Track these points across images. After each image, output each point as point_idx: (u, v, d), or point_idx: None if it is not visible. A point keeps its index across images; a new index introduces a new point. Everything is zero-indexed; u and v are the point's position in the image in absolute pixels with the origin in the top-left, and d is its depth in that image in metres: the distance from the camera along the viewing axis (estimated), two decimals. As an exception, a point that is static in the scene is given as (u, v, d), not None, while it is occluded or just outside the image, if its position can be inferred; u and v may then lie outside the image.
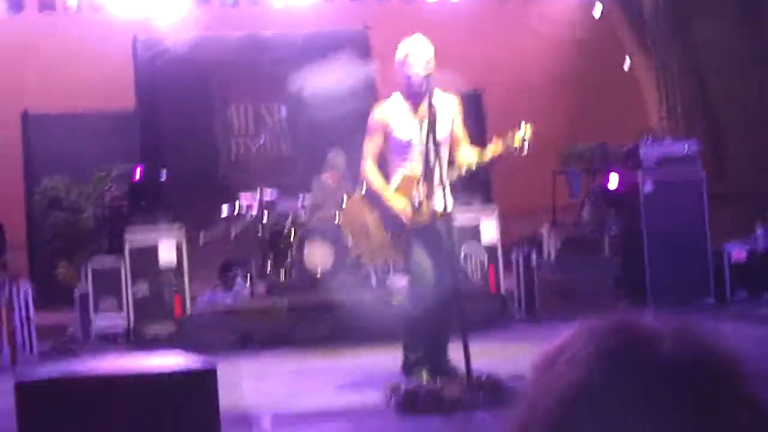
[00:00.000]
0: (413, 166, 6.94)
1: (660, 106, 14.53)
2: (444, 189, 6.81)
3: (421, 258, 6.93)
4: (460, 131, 7.14)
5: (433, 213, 6.89)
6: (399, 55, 7.03)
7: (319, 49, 14.77)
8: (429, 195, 6.85)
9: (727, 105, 14.31)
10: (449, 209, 6.86)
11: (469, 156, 6.98)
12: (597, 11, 15.73)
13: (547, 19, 15.31)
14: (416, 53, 6.93)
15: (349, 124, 12.33)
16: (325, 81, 14.99)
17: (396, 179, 7.01)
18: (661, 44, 14.60)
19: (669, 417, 1.14)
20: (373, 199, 7.08)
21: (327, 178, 12.89)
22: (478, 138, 7.50)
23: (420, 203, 6.86)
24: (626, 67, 15.89)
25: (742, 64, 14.01)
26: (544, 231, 11.84)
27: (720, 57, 14.28)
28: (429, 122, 6.81)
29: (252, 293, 11.50)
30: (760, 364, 2.11)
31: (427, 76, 6.87)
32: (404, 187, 6.93)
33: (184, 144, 14.66)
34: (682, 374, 1.16)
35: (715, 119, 14.46)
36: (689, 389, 1.16)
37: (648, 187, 11.52)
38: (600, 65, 15.70)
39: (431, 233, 6.91)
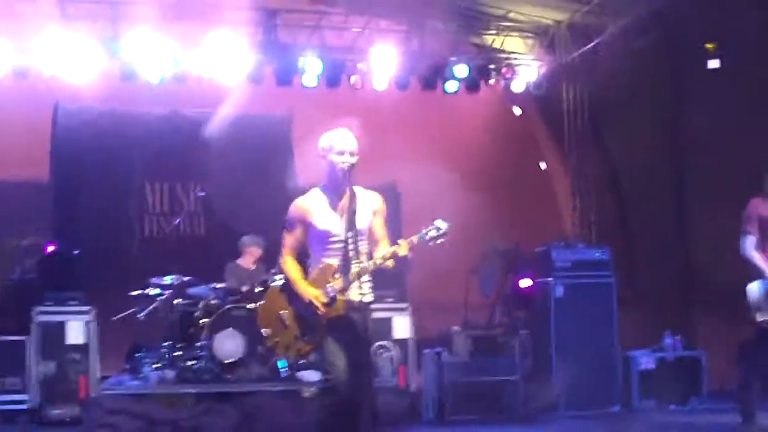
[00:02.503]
0: (332, 257, 6.92)
1: (573, 212, 14.76)
2: (361, 282, 6.80)
3: (334, 353, 6.88)
4: (381, 230, 7.13)
5: (349, 304, 6.86)
6: (323, 146, 7.03)
7: (242, 131, 14.80)
8: (345, 286, 6.83)
9: (640, 213, 14.60)
10: (366, 300, 6.84)
11: (383, 251, 6.99)
12: (517, 110, 16.01)
13: (467, 115, 15.49)
14: (340, 145, 6.94)
15: (269, 211, 12.30)
16: (245, 164, 15.03)
17: (314, 269, 6.99)
18: (577, 149, 14.89)
19: None
20: (291, 290, 7.02)
21: (242, 262, 12.82)
22: (395, 233, 7.48)
23: (335, 294, 6.83)
24: (542, 168, 16.16)
25: (655, 171, 14.31)
26: (456, 330, 11.86)
27: (634, 165, 14.59)
28: (349, 214, 6.82)
29: (160, 379, 11.28)
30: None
31: (349, 169, 6.88)
32: (322, 278, 6.90)
33: (98, 218, 14.42)
34: None
35: (627, 227, 14.74)
36: None
37: (558, 291, 11.65)
38: (517, 166, 15.90)
39: (345, 325, 6.87)
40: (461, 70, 14.33)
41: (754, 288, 8.65)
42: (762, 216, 8.72)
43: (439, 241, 6.75)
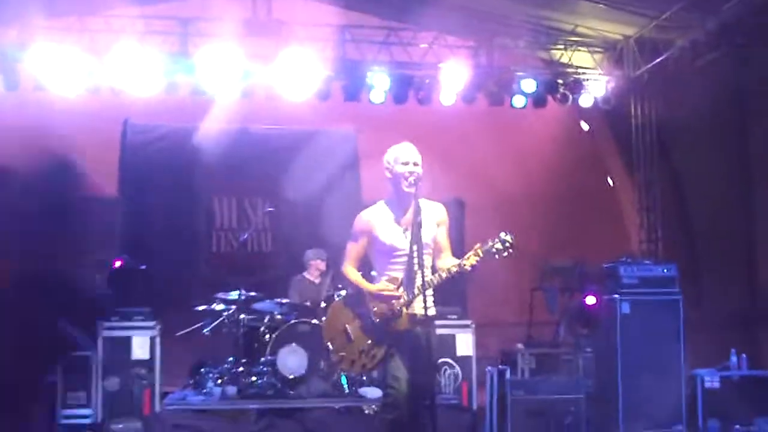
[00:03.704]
0: (397, 270, 6.95)
1: (641, 229, 14.63)
2: (425, 295, 6.81)
3: (398, 367, 6.90)
4: (444, 241, 7.16)
5: (412, 318, 6.88)
6: (387, 159, 7.08)
7: (309, 147, 14.90)
8: (410, 300, 6.84)
9: (707, 230, 14.42)
10: (430, 313, 6.83)
11: (449, 263, 6.99)
12: (584, 126, 15.92)
13: (534, 131, 15.45)
14: (404, 156, 6.99)
15: (334, 225, 12.36)
16: (312, 180, 15.13)
17: (378, 284, 7.01)
18: (644, 165, 14.77)
19: None
20: (356, 302, 7.06)
21: (307, 276, 12.90)
22: (458, 245, 7.49)
23: (401, 308, 6.85)
24: (610, 184, 16.05)
25: (723, 189, 14.15)
26: (520, 348, 11.81)
27: (702, 182, 14.43)
28: (413, 228, 6.84)
29: (222, 394, 11.37)
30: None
31: (414, 183, 6.91)
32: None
33: (165, 234, 14.63)
34: None
35: (693, 245, 14.57)
36: None
37: (625, 308, 11.53)
38: (583, 182, 15.81)
39: (409, 339, 6.89)
40: (529, 85, 14.28)
41: None
42: None
43: (505, 254, 6.75)
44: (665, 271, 11.81)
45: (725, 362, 11.79)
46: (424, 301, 6.78)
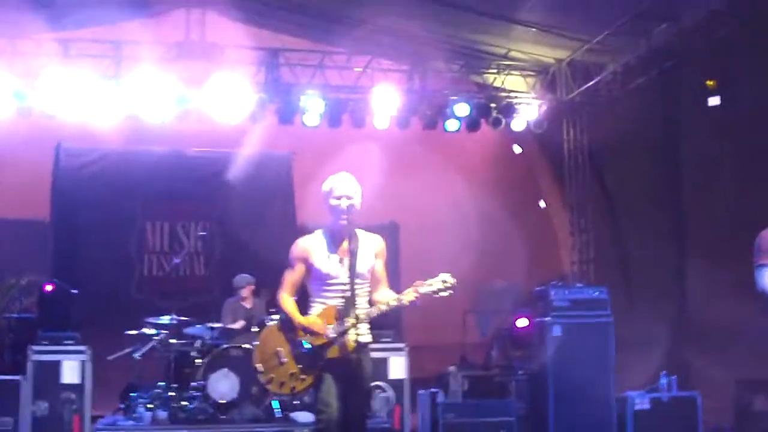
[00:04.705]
0: (332, 299, 6.95)
1: (573, 251, 14.75)
2: (360, 324, 6.82)
3: (330, 393, 6.88)
4: (381, 272, 7.15)
5: (346, 345, 6.87)
6: (324, 188, 7.08)
7: (243, 170, 14.88)
8: (345, 330, 6.84)
9: (639, 253, 14.57)
10: (363, 340, 6.84)
11: (386, 297, 7.00)
12: (517, 149, 16.03)
13: (468, 154, 15.55)
14: (342, 190, 6.98)
15: (268, 249, 12.33)
16: (246, 203, 15.11)
17: (314, 310, 7.00)
18: (577, 187, 14.91)
19: None
20: (289, 327, 7.03)
21: (240, 301, 12.84)
22: (393, 268, 7.50)
23: (335, 336, 6.84)
24: (542, 206, 16.18)
25: (655, 211, 14.30)
26: (452, 370, 11.83)
27: (634, 204, 14.59)
28: (350, 257, 6.85)
29: (153, 419, 11.27)
30: None
31: (347, 215, 6.92)
32: (322, 320, 6.92)
33: (97, 258, 14.57)
34: None
35: (626, 267, 14.71)
36: None
37: (556, 331, 11.59)
38: (517, 204, 15.94)
39: (342, 365, 6.87)
40: (462, 109, 14.37)
41: None
42: None
43: (444, 294, 6.77)
44: (596, 293, 11.88)
45: (655, 383, 11.90)
46: (357, 329, 6.79)
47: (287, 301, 7.01)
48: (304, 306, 6.96)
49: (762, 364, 9.89)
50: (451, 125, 14.54)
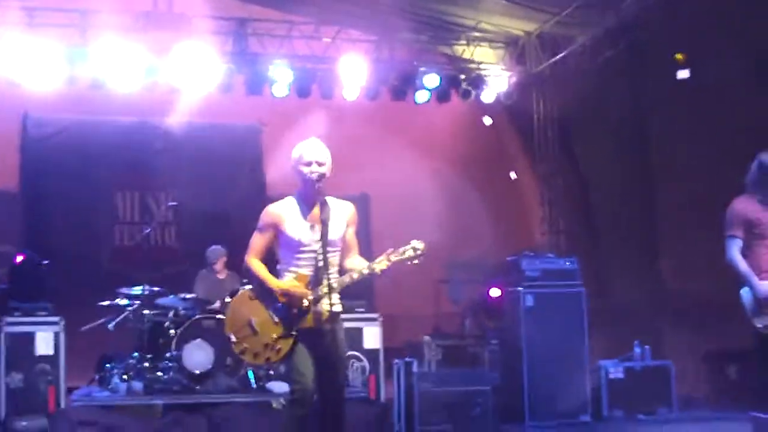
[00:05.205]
0: (303, 267, 6.90)
1: (543, 222, 14.82)
2: (332, 293, 6.78)
3: (304, 362, 6.85)
4: (352, 240, 7.12)
5: (319, 315, 6.84)
6: (294, 155, 7.01)
7: (212, 141, 14.79)
8: (317, 298, 6.80)
9: (609, 223, 14.66)
10: (336, 310, 6.81)
11: (358, 265, 6.96)
12: (487, 121, 16.05)
13: (437, 126, 15.54)
14: (312, 155, 6.91)
15: (238, 219, 12.26)
16: (216, 174, 15.03)
17: (285, 278, 6.94)
18: (546, 159, 14.96)
19: None
20: (261, 295, 6.97)
21: (211, 272, 12.78)
22: (365, 240, 7.48)
23: (307, 305, 6.80)
24: (512, 178, 16.23)
25: (624, 181, 14.39)
26: (426, 340, 11.87)
27: (603, 175, 14.67)
28: (321, 224, 6.80)
29: (128, 390, 11.21)
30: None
31: (317, 181, 6.87)
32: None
33: (67, 228, 14.46)
34: None
35: (596, 237, 14.80)
36: None
37: (528, 301, 11.65)
38: (487, 176, 15.97)
39: (316, 335, 6.85)
40: (431, 80, 14.37)
41: (745, 295, 8.00)
42: (748, 217, 7.78)
43: (415, 261, 6.75)
44: (567, 264, 11.97)
45: (629, 353, 12.01)
46: (330, 298, 6.76)
47: (257, 265, 6.92)
48: (273, 274, 6.91)
49: (733, 333, 10.02)
50: (421, 96, 14.53)
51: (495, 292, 12.62)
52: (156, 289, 11.97)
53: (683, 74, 12.67)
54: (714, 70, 12.48)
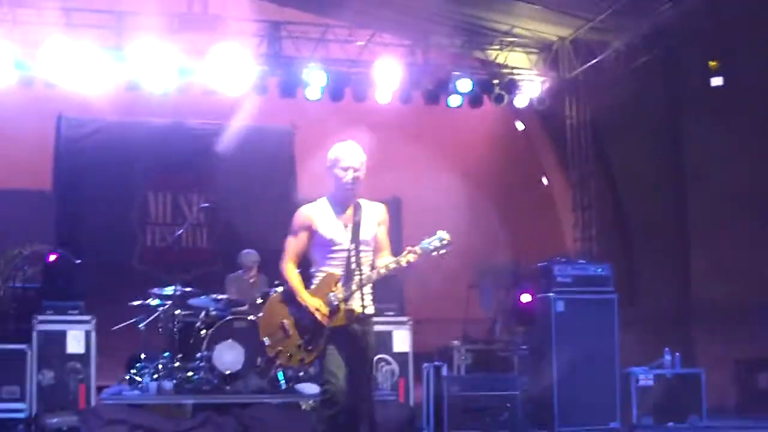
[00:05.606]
0: (335, 267, 6.93)
1: (575, 228, 14.76)
2: (363, 293, 6.80)
3: (336, 362, 6.87)
4: (384, 240, 7.14)
5: (350, 314, 6.86)
6: (330, 157, 7.04)
7: (245, 143, 14.83)
8: (348, 296, 6.82)
9: (642, 230, 14.59)
10: (368, 312, 6.83)
11: (386, 261, 6.99)
12: (520, 126, 16.03)
13: (470, 130, 15.53)
14: (348, 158, 6.94)
15: (269, 222, 12.29)
16: (248, 176, 15.07)
17: (317, 279, 6.98)
18: (579, 165, 14.91)
19: None
20: (292, 299, 7.01)
21: (243, 275, 12.81)
22: (396, 244, 7.50)
23: (338, 304, 6.83)
24: (544, 183, 16.18)
25: (657, 187, 14.33)
26: (456, 344, 11.86)
27: (637, 181, 14.61)
28: (354, 225, 6.83)
29: (158, 389, 11.26)
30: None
31: (353, 185, 6.90)
32: (324, 287, 6.90)
33: (100, 228, 14.52)
34: None
35: (628, 244, 14.73)
36: None
37: (559, 307, 11.62)
38: (519, 181, 15.94)
39: (347, 335, 6.87)
40: (464, 85, 14.35)
41: None
42: None
43: (442, 252, 6.73)
44: (599, 270, 11.93)
45: (659, 360, 11.95)
46: (362, 299, 6.78)
47: (292, 273, 6.97)
48: (306, 277, 6.94)
49: (764, 340, 9.98)
50: (454, 101, 14.51)
51: (526, 298, 12.58)
52: (188, 289, 12.02)
53: (717, 81, 12.62)
54: (749, 75, 12.42)
